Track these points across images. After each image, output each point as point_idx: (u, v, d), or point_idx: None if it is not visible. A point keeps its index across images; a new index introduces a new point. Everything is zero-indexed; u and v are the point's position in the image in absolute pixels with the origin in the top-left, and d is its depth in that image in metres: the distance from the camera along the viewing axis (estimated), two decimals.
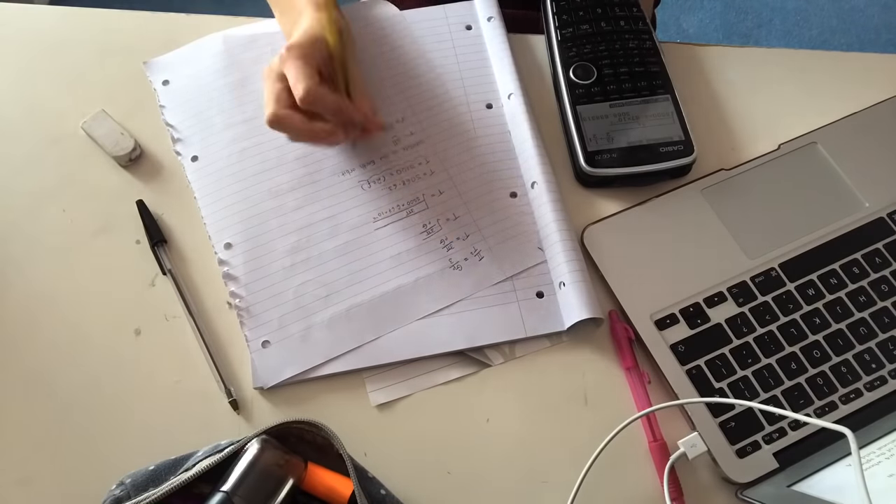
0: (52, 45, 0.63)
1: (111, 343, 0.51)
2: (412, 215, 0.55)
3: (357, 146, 0.57)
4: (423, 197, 0.56)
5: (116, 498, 0.42)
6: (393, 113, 0.59)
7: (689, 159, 0.55)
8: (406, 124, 0.58)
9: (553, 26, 0.60)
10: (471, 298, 0.52)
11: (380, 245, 0.54)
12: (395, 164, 0.57)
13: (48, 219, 0.56)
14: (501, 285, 0.52)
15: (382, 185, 0.56)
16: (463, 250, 0.54)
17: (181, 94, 0.60)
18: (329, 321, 0.51)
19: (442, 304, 0.52)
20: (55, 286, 0.53)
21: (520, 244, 0.54)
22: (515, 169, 0.57)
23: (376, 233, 0.54)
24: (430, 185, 0.56)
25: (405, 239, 0.54)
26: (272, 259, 0.53)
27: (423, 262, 0.53)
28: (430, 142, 0.58)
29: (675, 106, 0.57)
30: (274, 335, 0.51)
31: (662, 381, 0.50)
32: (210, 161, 0.57)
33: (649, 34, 0.60)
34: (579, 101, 0.57)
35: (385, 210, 0.55)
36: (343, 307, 0.51)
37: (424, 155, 0.57)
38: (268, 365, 0.50)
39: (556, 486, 0.47)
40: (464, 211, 0.55)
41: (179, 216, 0.56)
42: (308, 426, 0.44)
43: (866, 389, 0.49)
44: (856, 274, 0.53)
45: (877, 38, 1.60)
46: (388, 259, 0.53)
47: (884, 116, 0.59)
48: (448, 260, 0.53)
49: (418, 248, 0.54)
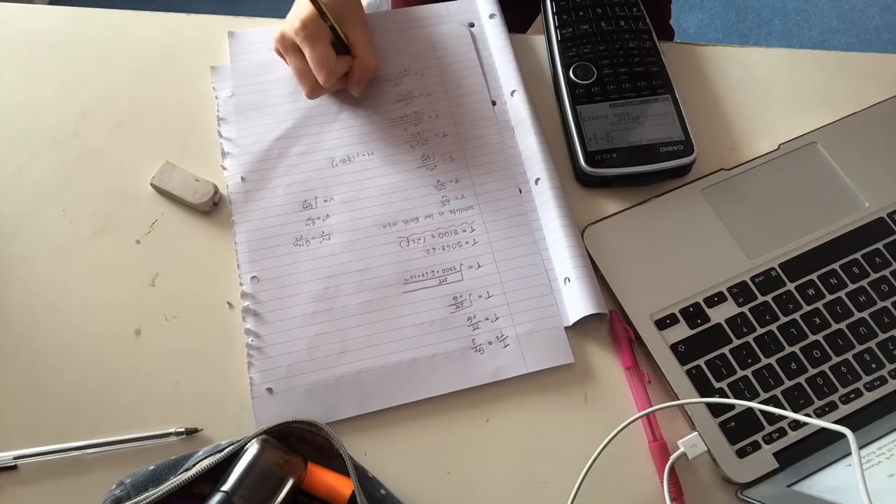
0: (52, 45, 0.63)
1: (111, 343, 0.51)
2: (444, 285, 0.52)
3: (405, 199, 0.56)
4: (459, 267, 0.53)
5: (116, 498, 0.42)
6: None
7: (689, 159, 0.55)
8: (459, 185, 0.56)
9: (553, 26, 0.60)
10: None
11: (405, 310, 0.51)
12: (440, 226, 0.55)
13: (48, 219, 0.56)
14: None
15: (421, 247, 0.54)
16: (489, 333, 0.51)
17: (244, 110, 0.59)
18: (336, 381, 0.49)
19: (454, 388, 0.49)
20: (55, 286, 0.53)
21: (549, 338, 0.51)
22: (561, 252, 0.53)
23: (404, 296, 0.52)
24: (471, 256, 0.53)
25: (432, 309, 0.51)
26: (296, 303, 0.51)
27: (445, 338, 0.51)
28: (479, 209, 0.55)
29: (675, 106, 0.57)
30: (279, 384, 0.49)
31: (662, 381, 0.50)
32: (257, 186, 0.56)
33: (649, 34, 0.60)
34: (579, 101, 0.57)
35: (418, 274, 0.53)
36: (354, 368, 0.50)
37: (471, 222, 0.55)
38: (269, 412, 0.48)
39: (556, 486, 0.47)
40: (499, 291, 0.52)
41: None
42: (308, 426, 0.44)
43: (866, 389, 0.49)
44: (856, 274, 0.53)
45: (877, 38, 1.60)
46: (410, 327, 0.51)
47: (884, 116, 0.59)
48: (472, 340, 0.51)
49: (443, 321, 0.51)
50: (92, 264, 0.54)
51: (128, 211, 0.56)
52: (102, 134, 0.59)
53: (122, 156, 0.58)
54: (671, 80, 0.58)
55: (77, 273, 0.54)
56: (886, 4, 1.62)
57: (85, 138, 0.59)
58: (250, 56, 0.61)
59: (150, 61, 0.62)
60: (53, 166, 0.58)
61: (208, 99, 0.60)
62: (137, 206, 0.56)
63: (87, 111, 0.60)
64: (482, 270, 0.53)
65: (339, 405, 0.49)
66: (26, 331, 0.52)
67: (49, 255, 0.54)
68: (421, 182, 0.56)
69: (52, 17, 0.65)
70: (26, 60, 0.62)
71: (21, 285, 0.53)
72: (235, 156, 0.57)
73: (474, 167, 0.57)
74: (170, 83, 0.61)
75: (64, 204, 0.56)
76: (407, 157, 0.57)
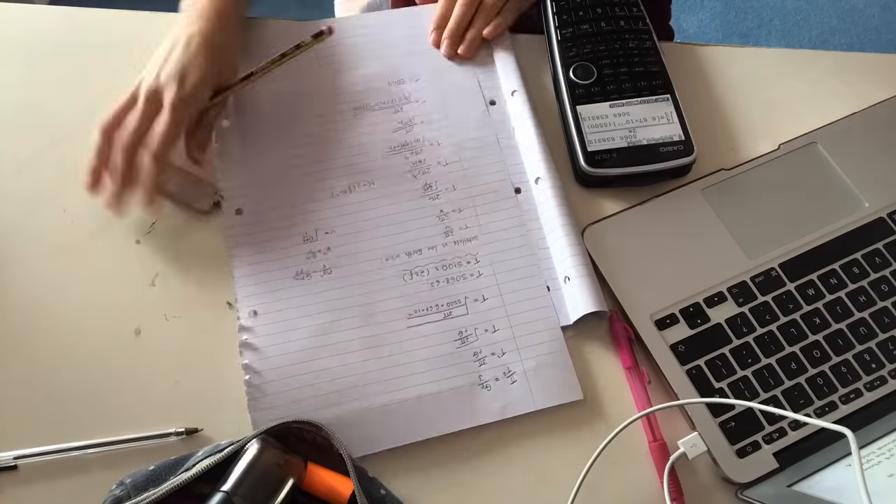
0: (52, 45, 0.63)
1: (111, 343, 0.51)
2: (449, 319, 0.51)
3: (405, 232, 0.54)
4: (464, 300, 0.52)
5: (116, 498, 0.42)
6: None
7: (689, 159, 0.55)
8: (463, 215, 0.55)
9: (553, 26, 0.60)
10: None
11: (409, 345, 0.50)
12: (444, 258, 0.53)
13: (48, 219, 0.56)
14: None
15: (425, 280, 0.52)
16: (496, 369, 0.49)
17: (242, 140, 0.57)
18: (338, 420, 0.47)
19: (461, 427, 0.48)
20: (55, 286, 0.53)
21: (557, 374, 0.49)
22: (562, 250, 0.53)
23: (408, 331, 0.50)
24: (476, 289, 0.52)
25: (437, 344, 0.50)
26: (297, 337, 0.50)
27: (451, 374, 0.49)
28: (483, 239, 0.54)
29: (675, 106, 0.57)
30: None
31: (662, 381, 0.50)
32: (255, 219, 0.54)
33: (649, 34, 0.60)
34: (579, 101, 0.57)
35: (422, 308, 0.51)
36: (357, 406, 0.48)
37: (475, 254, 0.53)
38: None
39: (556, 486, 0.47)
40: (505, 325, 0.51)
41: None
42: (308, 426, 0.44)
43: (866, 389, 0.49)
44: (856, 274, 0.53)
45: (877, 38, 1.59)
46: (415, 362, 0.49)
47: (884, 116, 0.59)
48: (478, 376, 0.49)
49: (449, 356, 0.50)
50: (92, 264, 0.54)
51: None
52: None
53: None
54: (671, 80, 0.58)
55: (77, 273, 0.54)
56: (886, 4, 1.62)
57: (85, 138, 0.58)
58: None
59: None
60: (54, 166, 0.58)
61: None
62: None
63: (87, 111, 0.60)
64: (487, 304, 0.52)
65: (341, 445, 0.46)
66: (26, 331, 0.52)
67: (49, 255, 0.54)
68: (423, 213, 0.55)
69: (52, 17, 0.65)
70: (26, 60, 0.62)
71: (21, 285, 0.53)
72: (232, 187, 0.55)
73: (478, 196, 0.56)
74: None
75: (64, 204, 0.56)
76: (408, 186, 0.56)
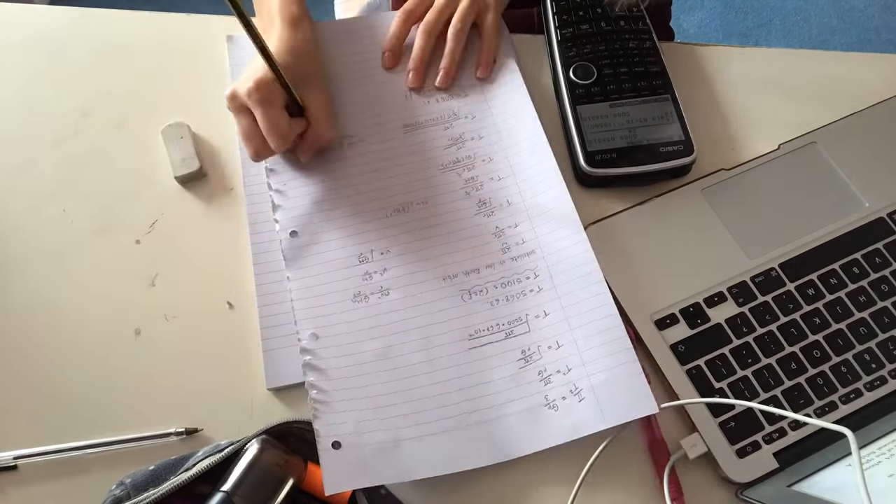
0: (53, 45, 0.63)
1: (111, 343, 0.51)
2: (511, 338, 0.49)
3: (463, 251, 0.53)
4: (525, 318, 0.50)
5: (116, 498, 0.42)
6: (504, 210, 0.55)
7: (689, 159, 0.55)
8: (519, 230, 0.53)
9: (553, 26, 0.60)
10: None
11: (472, 367, 0.49)
12: (502, 275, 0.52)
13: (48, 219, 0.56)
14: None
15: (484, 299, 0.51)
16: (562, 387, 0.48)
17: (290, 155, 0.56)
18: (404, 442, 0.46)
19: (530, 451, 0.46)
20: (55, 286, 0.53)
21: (627, 386, 0.47)
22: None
23: (470, 352, 0.49)
24: (536, 305, 0.50)
25: (500, 365, 0.49)
26: (360, 360, 0.49)
27: (516, 395, 0.48)
28: (541, 253, 0.52)
29: (675, 106, 0.57)
30: (346, 439, 0.46)
31: (662, 381, 0.50)
32: (311, 241, 0.53)
33: (649, 34, 0.60)
34: (579, 101, 0.57)
35: (483, 328, 0.50)
36: (422, 432, 0.47)
37: (534, 268, 0.52)
38: (336, 469, 0.45)
39: (556, 486, 0.47)
40: (569, 339, 0.49)
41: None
42: (308, 426, 0.44)
43: (866, 389, 0.49)
44: (856, 274, 0.53)
45: (877, 38, 1.60)
46: (478, 385, 0.48)
47: (884, 116, 0.59)
48: (544, 397, 0.48)
49: (514, 377, 0.48)
50: (92, 264, 0.54)
51: (128, 211, 0.56)
52: (103, 134, 0.59)
53: (122, 156, 0.58)
54: (671, 80, 0.58)
55: (77, 273, 0.54)
56: (886, 4, 1.62)
57: (85, 138, 0.59)
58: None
59: (151, 61, 0.62)
60: (54, 166, 0.58)
61: (208, 97, 0.60)
62: (137, 207, 0.56)
63: (87, 111, 0.60)
64: (549, 319, 0.50)
65: (408, 467, 0.46)
66: (26, 331, 0.52)
67: (49, 255, 0.54)
68: (479, 230, 0.54)
69: (52, 17, 0.65)
70: (26, 60, 0.62)
71: (21, 285, 0.53)
72: (286, 208, 0.54)
73: (533, 207, 0.54)
74: (170, 83, 0.61)
75: (64, 204, 0.56)
76: (463, 204, 0.55)
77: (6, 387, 0.50)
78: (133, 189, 0.57)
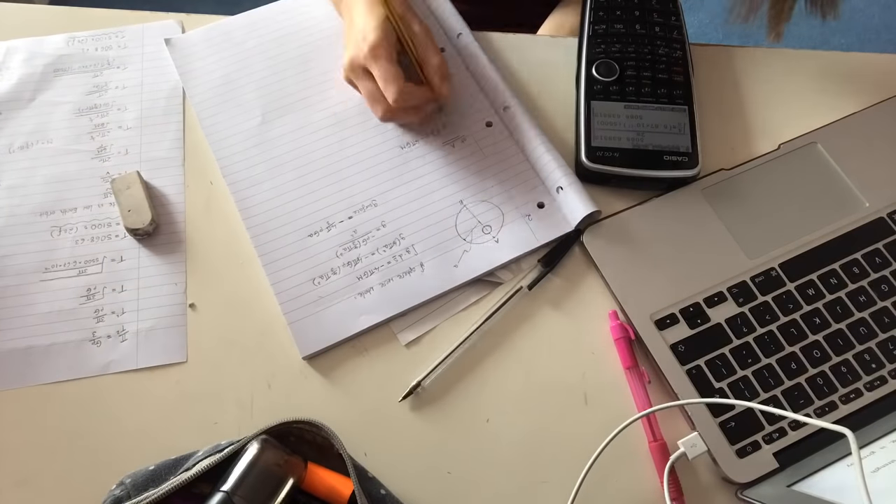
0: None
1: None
2: (82, 276, 0.53)
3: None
4: (103, 260, 0.54)
5: (116, 498, 0.42)
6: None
7: (692, 172, 0.55)
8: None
9: (588, 21, 0.61)
10: (483, 226, 0.55)
11: (36, 298, 0.52)
12: (96, 217, 0.55)
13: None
14: (506, 206, 0.55)
15: (71, 237, 0.54)
16: (110, 326, 0.52)
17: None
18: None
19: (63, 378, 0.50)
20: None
21: (169, 337, 0.52)
22: (548, 164, 0.56)
23: (40, 284, 0.53)
24: (115, 251, 0.54)
25: (60, 299, 0.52)
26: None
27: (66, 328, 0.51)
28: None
29: (691, 118, 0.56)
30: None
31: (662, 381, 0.50)
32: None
33: (682, 44, 0.60)
34: (595, 97, 0.57)
35: (60, 264, 0.53)
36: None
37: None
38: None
39: (556, 486, 0.47)
40: (133, 287, 0.53)
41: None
42: (308, 426, 0.44)
43: (866, 389, 0.49)
44: (856, 274, 0.53)
45: (877, 38, 1.59)
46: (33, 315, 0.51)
47: (884, 116, 0.59)
48: (92, 333, 0.52)
49: (70, 311, 0.52)
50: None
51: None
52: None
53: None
54: (693, 94, 0.58)
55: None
56: (886, 4, 1.62)
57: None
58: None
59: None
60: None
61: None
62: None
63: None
64: (124, 265, 0.53)
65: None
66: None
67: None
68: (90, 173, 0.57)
69: (52, 17, 0.65)
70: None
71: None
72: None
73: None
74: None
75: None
76: (82, 146, 0.58)
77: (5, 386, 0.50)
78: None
